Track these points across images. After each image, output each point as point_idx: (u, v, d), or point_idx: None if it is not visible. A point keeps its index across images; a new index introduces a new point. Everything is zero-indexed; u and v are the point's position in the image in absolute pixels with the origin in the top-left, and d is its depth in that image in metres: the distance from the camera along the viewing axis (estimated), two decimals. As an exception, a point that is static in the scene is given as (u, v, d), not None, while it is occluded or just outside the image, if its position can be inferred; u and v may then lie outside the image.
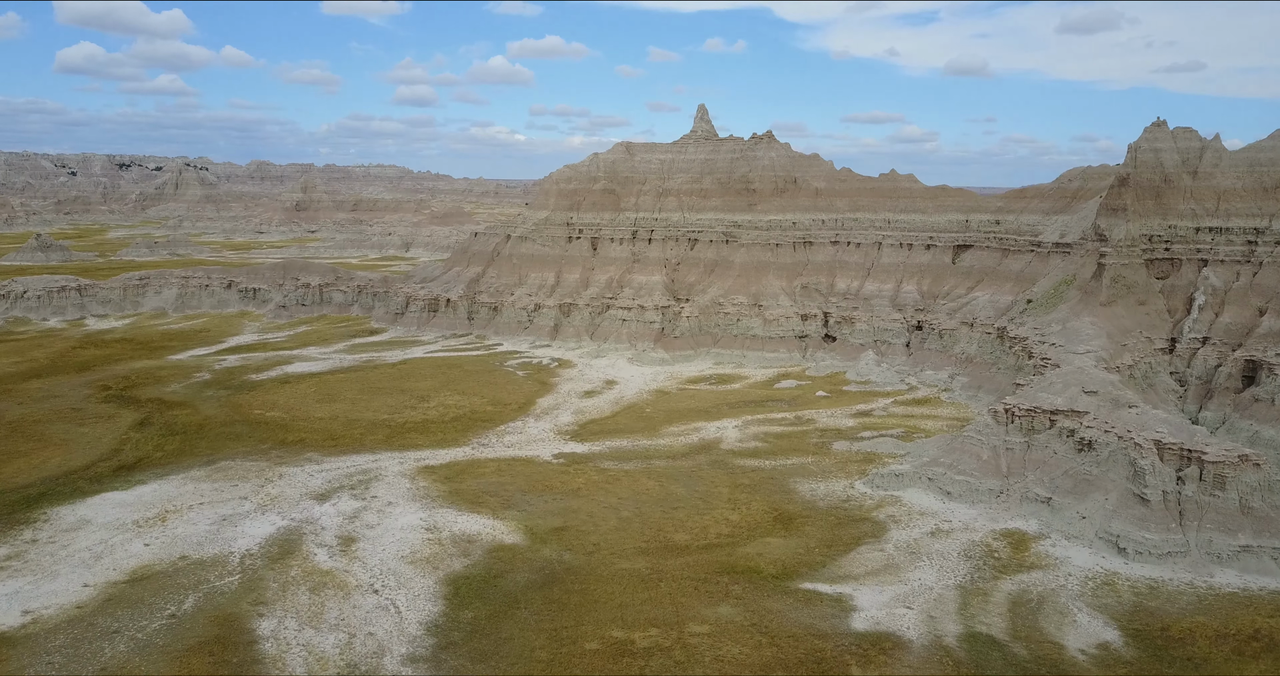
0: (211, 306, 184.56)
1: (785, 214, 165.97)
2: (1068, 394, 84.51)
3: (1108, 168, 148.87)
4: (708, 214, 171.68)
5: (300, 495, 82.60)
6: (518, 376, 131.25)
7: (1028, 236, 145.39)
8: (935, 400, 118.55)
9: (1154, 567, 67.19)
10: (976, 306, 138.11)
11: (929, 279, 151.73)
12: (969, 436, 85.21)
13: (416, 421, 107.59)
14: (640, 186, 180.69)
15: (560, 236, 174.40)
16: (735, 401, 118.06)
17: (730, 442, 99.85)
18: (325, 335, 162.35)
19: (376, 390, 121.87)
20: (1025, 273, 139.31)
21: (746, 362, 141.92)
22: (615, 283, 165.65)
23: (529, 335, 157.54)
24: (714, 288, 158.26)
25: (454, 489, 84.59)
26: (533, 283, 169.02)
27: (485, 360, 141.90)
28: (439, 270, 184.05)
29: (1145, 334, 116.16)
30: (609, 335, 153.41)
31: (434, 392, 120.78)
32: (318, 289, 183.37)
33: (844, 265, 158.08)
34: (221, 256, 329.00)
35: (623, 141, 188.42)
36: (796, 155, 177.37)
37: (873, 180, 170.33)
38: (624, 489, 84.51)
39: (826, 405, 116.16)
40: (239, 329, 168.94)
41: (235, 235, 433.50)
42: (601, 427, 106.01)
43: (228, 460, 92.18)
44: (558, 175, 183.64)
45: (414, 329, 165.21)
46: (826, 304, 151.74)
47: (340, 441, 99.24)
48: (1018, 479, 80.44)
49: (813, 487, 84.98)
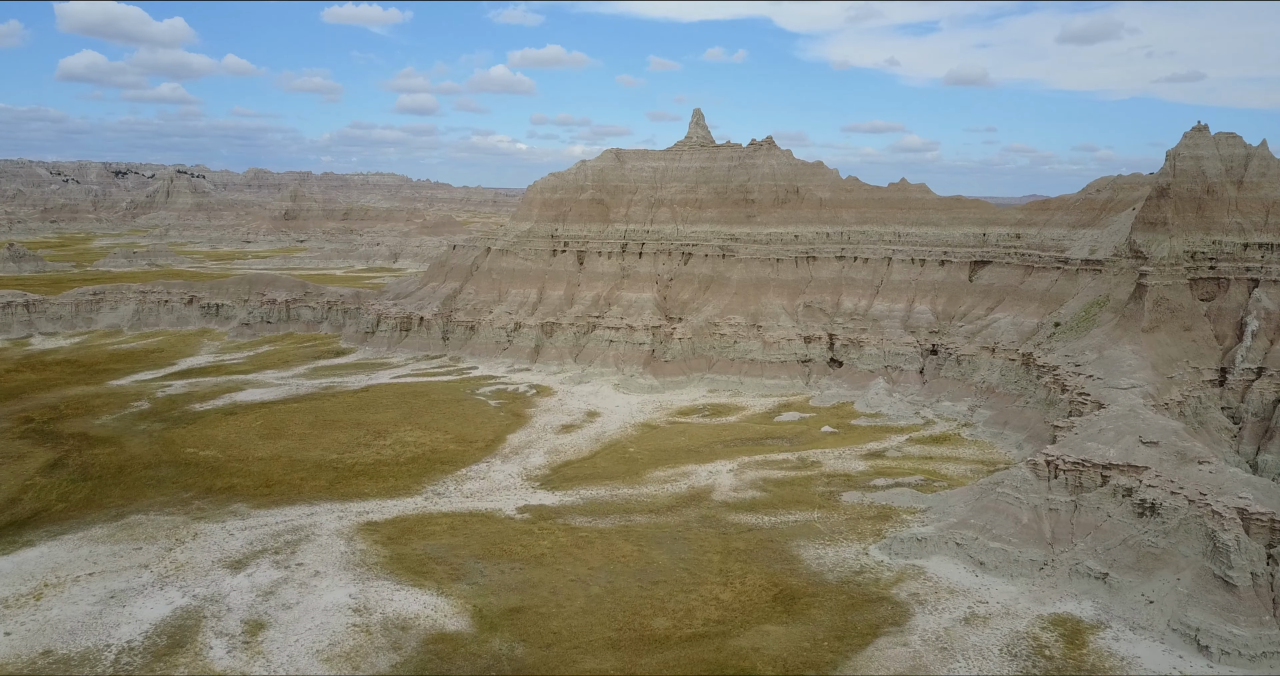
0: (170, 324, 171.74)
1: (786, 226, 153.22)
2: (1122, 444, 71.51)
3: (1140, 177, 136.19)
4: (703, 226, 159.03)
5: (213, 562, 69.67)
6: (489, 407, 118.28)
7: (1053, 252, 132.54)
8: (955, 437, 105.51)
9: (1246, 671, 54.16)
10: (998, 329, 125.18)
11: (944, 298, 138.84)
12: (1004, 493, 72.19)
13: (367, 463, 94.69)
14: (631, 196, 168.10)
15: (544, 249, 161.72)
16: (730, 438, 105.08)
17: (724, 491, 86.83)
18: (287, 356, 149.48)
19: (329, 423, 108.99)
20: (1051, 292, 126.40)
21: (744, 390, 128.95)
22: (602, 300, 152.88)
23: (507, 357, 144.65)
24: (709, 306, 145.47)
25: (396, 553, 71.67)
26: (513, 300, 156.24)
27: (456, 387, 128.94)
28: (415, 285, 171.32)
29: (1192, 364, 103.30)
30: (594, 357, 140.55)
31: (393, 426, 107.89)
32: (284, 305, 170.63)
33: (851, 282, 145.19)
34: (203, 267, 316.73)
35: (612, 148, 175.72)
36: (798, 163, 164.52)
37: (881, 190, 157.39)
38: (596, 555, 71.52)
39: (833, 443, 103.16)
40: (196, 349, 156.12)
41: (221, 244, 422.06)
42: (577, 472, 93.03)
43: (139, 514, 79.24)
44: (542, 184, 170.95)
45: (384, 350, 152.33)
46: (832, 325, 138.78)
47: (275, 489, 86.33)
48: (1065, 547, 67.42)
49: (819, 554, 71.94)
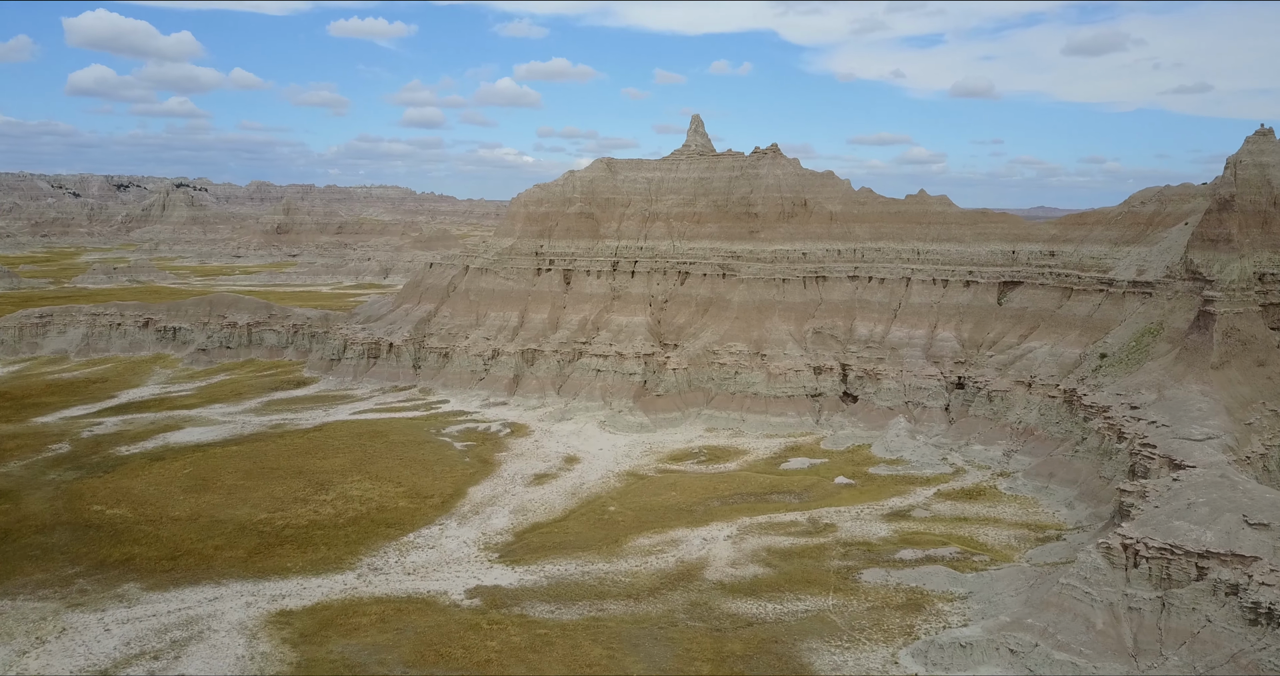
0: (122, 349, 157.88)
1: (793, 243, 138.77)
2: (1220, 524, 56.65)
3: (1190, 187, 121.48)
4: (702, 242, 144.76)
5: (69, 675, 55.18)
6: (454, 451, 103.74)
7: (1093, 272, 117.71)
8: (992, 491, 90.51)
9: None
10: (1034, 360, 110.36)
11: (970, 323, 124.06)
12: (1069, 585, 57.32)
13: (300, 525, 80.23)
14: (623, 209, 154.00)
15: (527, 268, 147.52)
16: (729, 492, 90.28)
17: (719, 567, 72.07)
18: (241, 387, 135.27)
19: (267, 472, 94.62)
20: (1094, 318, 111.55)
21: (746, 429, 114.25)
22: (590, 324, 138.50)
23: (483, 389, 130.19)
24: (707, 331, 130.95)
25: (307, 658, 57.12)
26: (492, 323, 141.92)
27: (421, 426, 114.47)
28: (387, 307, 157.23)
29: (1269, 406, 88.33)
30: (579, 389, 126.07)
31: (340, 476, 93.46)
32: (246, 329, 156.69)
33: (865, 305, 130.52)
34: (186, 283, 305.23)
35: (603, 158, 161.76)
36: (806, 173, 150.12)
37: (898, 202, 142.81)
38: (556, 662, 56.76)
39: (849, 499, 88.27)
40: (144, 378, 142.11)
41: (211, 259, 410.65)
42: (545, 538, 78.34)
43: (5, 599, 64.86)
44: (526, 196, 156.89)
45: (348, 380, 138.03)
46: (844, 354, 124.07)
47: (182, 562, 71.95)
48: (1152, 661, 52.50)
49: (837, 662, 57.08)
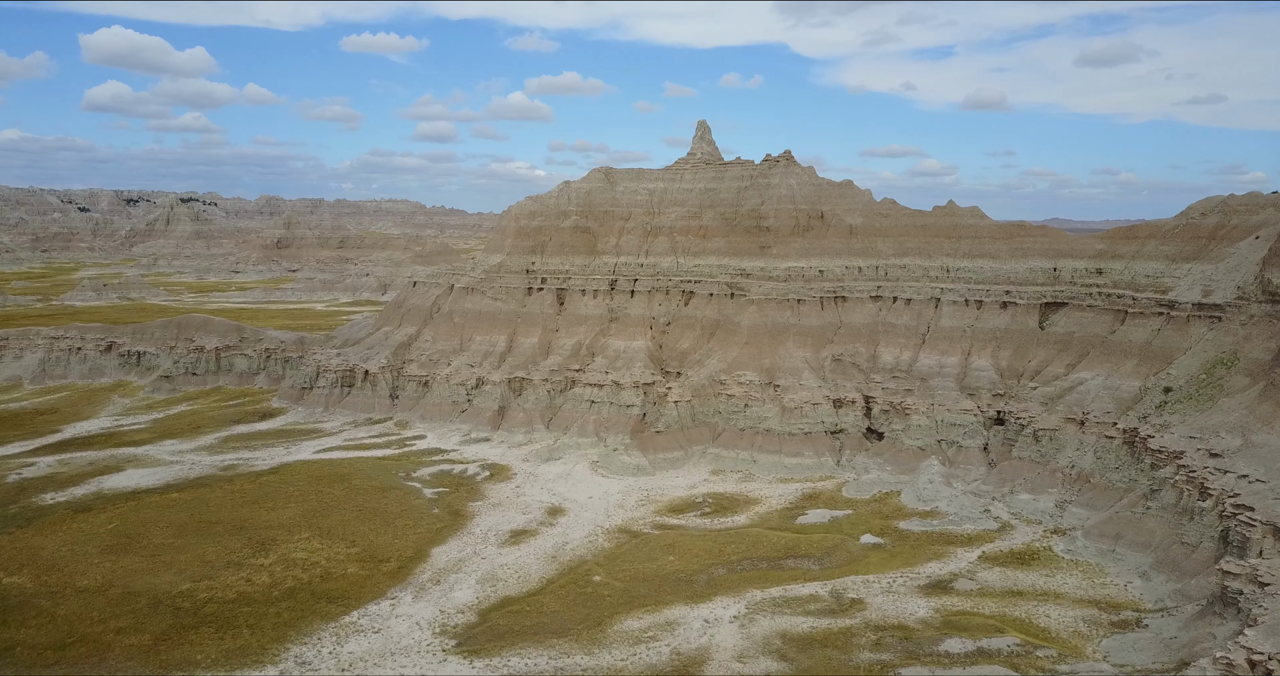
0: (81, 376, 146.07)
1: (809, 259, 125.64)
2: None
3: (1258, 197, 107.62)
4: (708, 259, 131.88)
5: None
6: (423, 500, 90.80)
7: (1149, 292, 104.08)
8: (1047, 555, 76.74)
9: None
10: (1085, 394, 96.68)
11: (1009, 350, 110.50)
12: (1180, 715, 43.73)
13: (227, 599, 67.39)
14: (623, 223, 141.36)
15: (517, 287, 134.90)
16: (737, 556, 76.83)
17: (723, 661, 58.69)
18: (201, 419, 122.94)
19: (204, 527, 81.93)
20: (1154, 346, 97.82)
21: (757, 471, 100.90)
22: (585, 349, 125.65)
23: (464, 422, 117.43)
24: (714, 358, 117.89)
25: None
26: (477, 348, 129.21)
27: (391, 467, 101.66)
28: (367, 329, 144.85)
29: (1378, 453, 74.35)
30: (570, 423, 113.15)
31: (287, 533, 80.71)
32: (214, 353, 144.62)
33: (890, 329, 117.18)
34: (179, 300, 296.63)
35: (601, 167, 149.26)
36: (823, 182, 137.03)
37: (925, 215, 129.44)
38: None
39: (879, 564, 74.71)
40: (98, 409, 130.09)
41: (209, 275, 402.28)
42: (515, 619, 65.12)
43: None
44: (517, 209, 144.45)
45: (319, 411, 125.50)
46: (868, 384, 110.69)
47: (72, 651, 59.28)
48: None
49: None
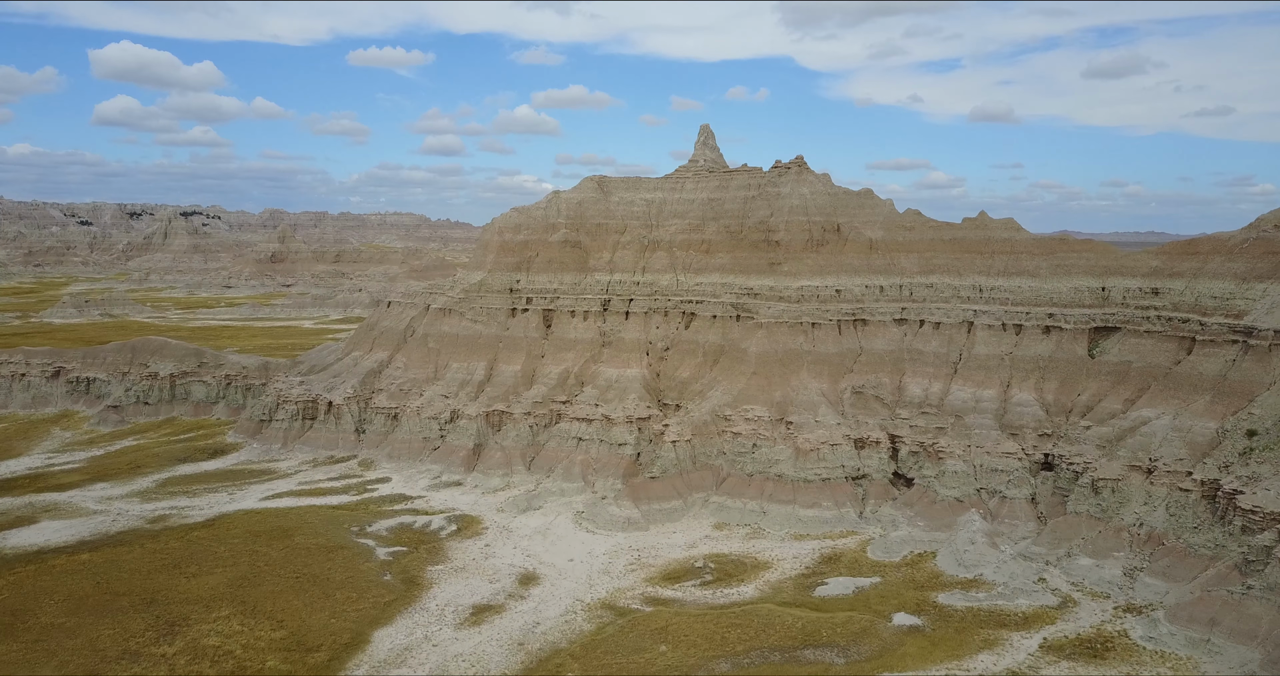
0: (23, 405, 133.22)
1: (824, 277, 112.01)
2: None
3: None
4: (711, 276, 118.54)
5: None
6: (374, 562, 77.17)
7: (1219, 317, 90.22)
8: (1123, 643, 62.64)
9: None
10: (1150, 436, 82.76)
11: (1054, 382, 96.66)
12: None
13: (105, 708, 53.89)
14: (617, 237, 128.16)
15: (499, 308, 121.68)
16: (744, 645, 62.90)
17: None
18: (143, 458, 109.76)
19: (108, 601, 68.51)
20: (1231, 380, 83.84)
21: (767, 525, 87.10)
22: (573, 378, 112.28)
23: (435, 463, 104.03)
24: (717, 389, 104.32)
25: None
26: (453, 377, 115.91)
27: (343, 519, 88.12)
28: (335, 354, 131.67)
29: None
30: (554, 464, 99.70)
31: (205, 607, 67.24)
32: (169, 380, 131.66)
33: (917, 357, 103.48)
34: (164, 317, 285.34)
35: (594, 176, 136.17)
36: (839, 191, 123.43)
37: (954, 227, 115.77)
38: None
39: (918, 658, 60.66)
40: (33, 444, 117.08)
41: (200, 290, 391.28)
42: (460, 740, 51.46)
43: None
44: (501, 221, 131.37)
45: (276, 447, 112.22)
46: (893, 421, 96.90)
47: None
48: None
49: None
